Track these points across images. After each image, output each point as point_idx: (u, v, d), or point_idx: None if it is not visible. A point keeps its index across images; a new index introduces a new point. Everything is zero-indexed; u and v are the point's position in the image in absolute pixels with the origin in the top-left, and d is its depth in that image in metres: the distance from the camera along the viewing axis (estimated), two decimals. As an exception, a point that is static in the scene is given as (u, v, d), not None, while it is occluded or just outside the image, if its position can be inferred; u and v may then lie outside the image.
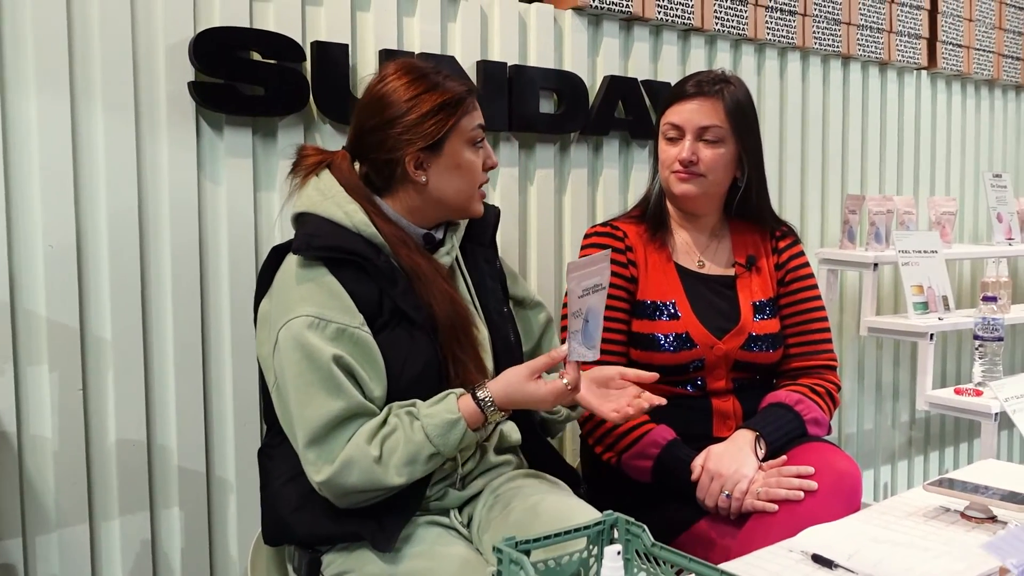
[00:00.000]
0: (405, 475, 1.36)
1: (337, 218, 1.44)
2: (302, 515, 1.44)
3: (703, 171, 1.81)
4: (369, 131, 1.49)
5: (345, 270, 1.41)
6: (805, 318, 1.90)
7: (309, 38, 1.90)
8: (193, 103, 1.76)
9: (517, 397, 1.39)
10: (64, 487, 1.66)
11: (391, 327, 1.43)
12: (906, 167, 3.28)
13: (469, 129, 1.49)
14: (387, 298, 1.43)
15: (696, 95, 1.81)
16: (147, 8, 1.72)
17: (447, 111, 1.46)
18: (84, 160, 1.67)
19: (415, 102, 1.45)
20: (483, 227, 1.64)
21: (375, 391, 1.40)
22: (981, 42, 3.43)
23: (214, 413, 1.84)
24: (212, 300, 1.82)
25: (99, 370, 1.70)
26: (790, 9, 2.78)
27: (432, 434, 1.36)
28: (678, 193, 1.84)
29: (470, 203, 1.53)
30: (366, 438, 1.36)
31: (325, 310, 1.38)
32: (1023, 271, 3.76)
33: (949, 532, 1.36)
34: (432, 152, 1.47)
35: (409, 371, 1.42)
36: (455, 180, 1.49)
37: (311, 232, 1.44)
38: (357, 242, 1.43)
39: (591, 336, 1.38)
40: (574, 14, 2.32)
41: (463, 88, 1.49)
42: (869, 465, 3.19)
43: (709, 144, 1.81)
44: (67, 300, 1.65)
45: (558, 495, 1.48)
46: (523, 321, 1.72)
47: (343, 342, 1.38)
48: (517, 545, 1.08)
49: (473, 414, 1.38)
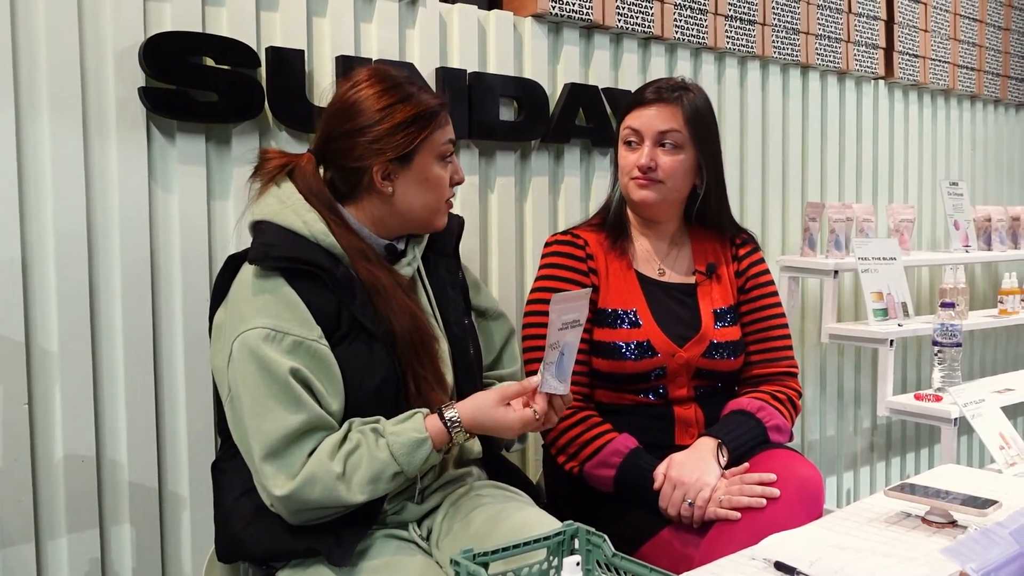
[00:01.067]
0: (367, 493, 1.33)
1: (295, 227, 1.41)
2: (255, 530, 1.41)
3: (662, 177, 1.80)
4: (337, 137, 1.46)
5: (302, 281, 1.38)
6: (765, 325, 1.90)
7: (264, 43, 1.87)
8: (144, 109, 1.72)
9: (485, 422, 1.39)
10: (8, 505, 1.61)
11: (349, 340, 1.40)
12: (865, 175, 3.31)
13: (440, 143, 1.48)
14: (345, 310, 1.40)
15: (655, 101, 1.81)
16: (95, 11, 1.67)
17: (419, 124, 1.44)
18: (29, 168, 1.62)
19: (388, 112, 1.43)
20: (446, 237, 1.62)
21: (332, 405, 1.37)
22: (937, 53, 3.48)
23: (167, 427, 1.79)
24: (164, 311, 1.78)
25: (45, 384, 1.64)
26: (750, 19, 2.80)
27: (397, 453, 1.33)
28: (637, 200, 1.83)
29: (435, 217, 1.52)
30: (328, 454, 1.32)
31: (281, 322, 1.35)
32: (980, 278, 3.81)
33: (910, 537, 1.36)
34: (401, 164, 1.45)
35: (367, 385, 1.40)
36: (422, 194, 1.48)
37: (268, 241, 1.41)
38: (315, 252, 1.40)
39: (564, 370, 1.38)
40: (534, 21, 2.31)
41: (436, 102, 1.48)
42: (832, 471, 3.21)
43: (668, 150, 1.80)
44: (12, 312, 1.60)
45: (519, 506, 1.46)
46: (484, 332, 1.69)
47: (300, 355, 1.34)
48: (475, 557, 1.05)
49: (439, 434, 1.37)
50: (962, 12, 3.60)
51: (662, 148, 1.80)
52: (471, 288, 1.69)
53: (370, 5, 2.03)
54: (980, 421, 1.91)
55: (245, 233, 1.53)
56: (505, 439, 1.65)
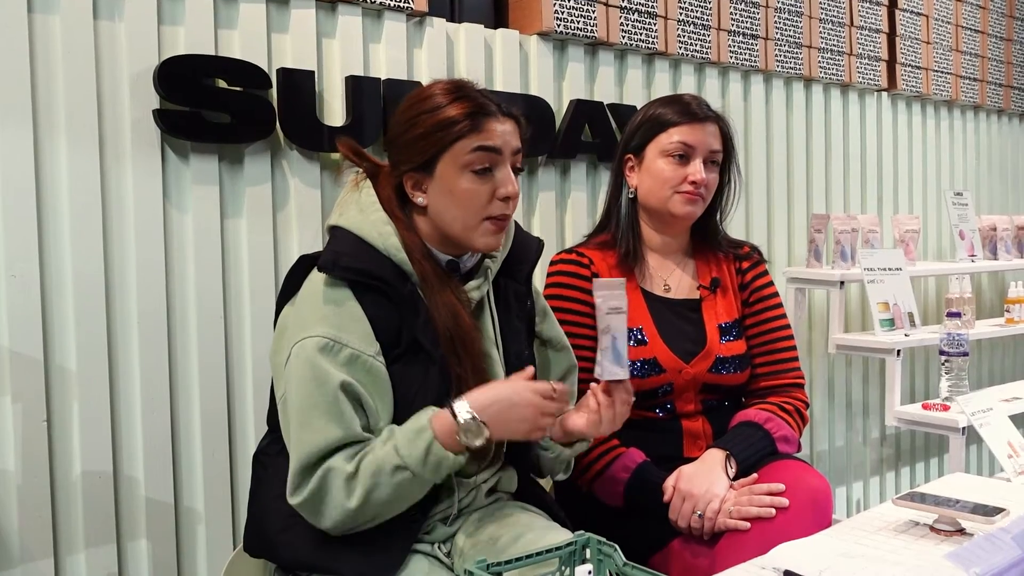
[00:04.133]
0: (368, 486, 1.30)
1: (370, 238, 1.39)
2: (289, 537, 1.40)
3: (706, 194, 1.84)
4: (386, 148, 1.47)
5: (368, 294, 1.37)
6: (771, 337, 1.91)
7: (275, 65, 1.90)
8: (158, 131, 1.76)
9: (494, 396, 1.33)
10: (28, 521, 1.63)
11: (406, 359, 1.38)
12: (869, 186, 3.33)
13: (464, 153, 1.39)
14: (407, 328, 1.38)
15: (705, 119, 1.83)
16: (111, 36, 1.71)
17: (439, 133, 1.39)
18: (47, 189, 1.65)
19: (412, 122, 1.41)
20: (519, 263, 1.55)
21: (380, 421, 1.36)
22: (939, 64, 3.50)
23: (182, 442, 1.81)
24: (179, 327, 1.81)
25: (64, 401, 1.67)
26: (752, 33, 2.83)
27: (400, 444, 1.31)
28: (683, 214, 1.84)
29: (471, 235, 1.42)
30: (345, 457, 1.32)
31: (342, 333, 1.34)
32: (986, 287, 3.82)
33: (919, 546, 1.37)
34: (425, 173, 1.42)
35: (418, 405, 1.37)
36: (451, 208, 1.41)
37: (339, 250, 1.39)
38: (384, 267, 1.38)
39: (619, 354, 1.36)
40: (539, 39, 2.34)
41: (460, 111, 1.39)
42: (841, 482, 3.21)
43: (711, 168, 1.84)
44: (31, 330, 1.63)
45: (544, 526, 1.45)
46: (544, 364, 1.62)
47: (355, 368, 1.34)
48: (488, 568, 1.07)
49: (444, 423, 1.32)
50: (964, 24, 3.63)
51: (709, 166, 1.83)
52: (539, 316, 1.62)
53: (378, 25, 2.07)
54: (988, 430, 1.91)
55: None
56: (551, 462, 1.59)
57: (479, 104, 1.40)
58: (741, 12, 2.78)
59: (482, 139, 1.39)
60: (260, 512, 1.47)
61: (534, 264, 1.58)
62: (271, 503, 1.44)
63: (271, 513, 1.44)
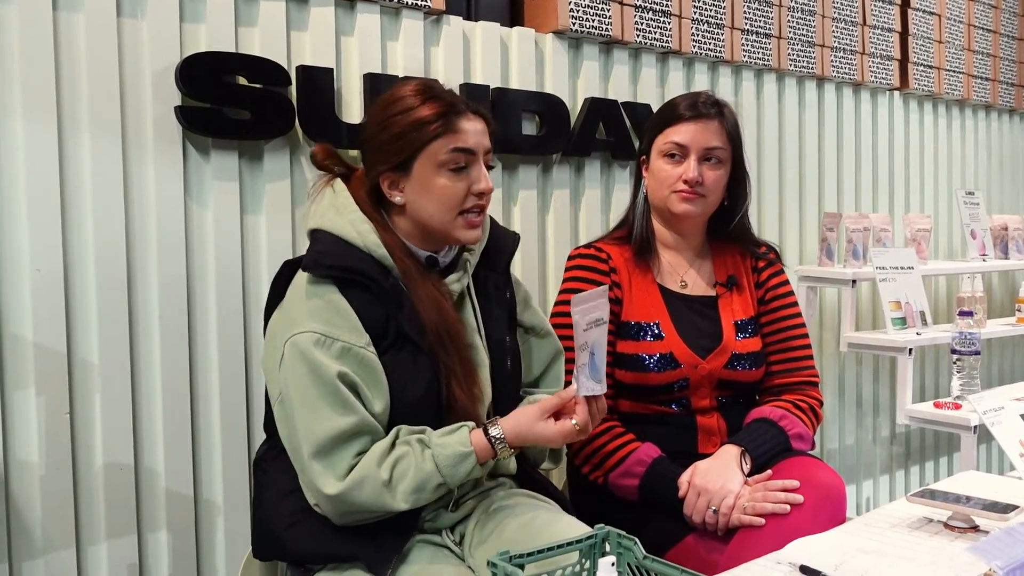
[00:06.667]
0: (411, 502, 1.36)
1: (349, 237, 1.44)
2: (297, 532, 1.44)
3: (705, 192, 1.84)
4: (361, 151, 1.50)
5: (353, 290, 1.42)
6: (786, 335, 1.93)
7: (294, 62, 1.92)
8: (180, 127, 1.77)
9: (527, 436, 1.41)
10: (51, 512, 1.65)
11: (395, 350, 1.43)
12: (881, 185, 3.34)
13: (440, 152, 1.44)
14: (392, 321, 1.43)
15: (698, 117, 1.84)
16: (133, 34, 1.73)
17: (413, 134, 1.44)
18: (71, 184, 1.67)
19: (385, 123, 1.46)
20: (498, 254, 1.61)
21: (376, 409, 1.40)
22: (951, 63, 3.51)
23: (202, 436, 1.83)
24: (199, 322, 1.82)
25: (86, 394, 1.69)
26: (765, 32, 2.83)
27: (442, 465, 1.36)
28: (680, 212, 1.86)
29: (451, 229, 1.48)
30: (376, 460, 1.36)
31: (332, 328, 1.38)
32: (997, 286, 3.82)
33: (933, 542, 1.38)
34: (402, 173, 1.47)
35: (410, 393, 1.42)
36: (429, 204, 1.47)
37: (321, 250, 1.44)
38: (366, 263, 1.43)
39: (597, 369, 1.40)
40: (555, 37, 2.35)
41: (432, 112, 1.44)
42: (852, 480, 3.22)
43: (712, 165, 1.84)
44: (54, 324, 1.65)
45: (550, 512, 1.49)
46: (528, 350, 1.68)
47: (348, 360, 1.38)
48: (511, 559, 1.09)
49: (484, 449, 1.40)
50: (976, 23, 3.63)
51: (707, 163, 1.84)
52: (520, 304, 1.68)
53: (396, 23, 2.08)
54: (1000, 428, 1.92)
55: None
56: (535, 455, 1.66)
57: (450, 103, 1.46)
58: (755, 11, 2.79)
59: (458, 140, 1.45)
60: (265, 515, 1.51)
61: (511, 255, 1.64)
62: (275, 503, 1.48)
63: (276, 512, 1.48)
